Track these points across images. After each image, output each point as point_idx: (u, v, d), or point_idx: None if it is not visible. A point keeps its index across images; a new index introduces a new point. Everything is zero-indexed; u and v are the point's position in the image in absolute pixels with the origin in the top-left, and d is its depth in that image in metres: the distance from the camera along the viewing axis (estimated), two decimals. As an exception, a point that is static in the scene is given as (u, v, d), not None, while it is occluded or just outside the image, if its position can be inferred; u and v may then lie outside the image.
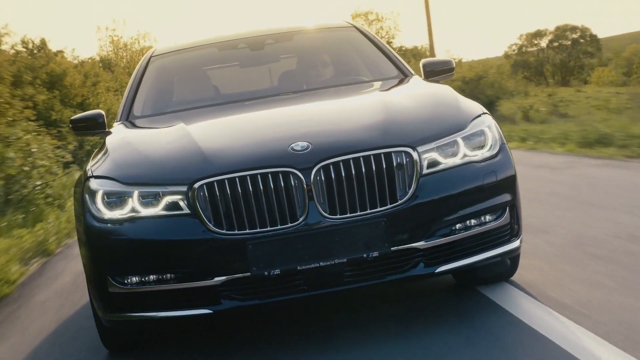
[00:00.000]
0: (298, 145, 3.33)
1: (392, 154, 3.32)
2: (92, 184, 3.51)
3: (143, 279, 3.35)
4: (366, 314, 3.90)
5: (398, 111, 3.68)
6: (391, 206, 3.27)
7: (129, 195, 3.37)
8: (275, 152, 3.33)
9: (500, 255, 3.57)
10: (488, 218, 3.50)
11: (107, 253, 3.40)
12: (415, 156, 3.33)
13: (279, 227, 3.22)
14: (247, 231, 3.23)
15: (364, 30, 5.47)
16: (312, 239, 3.22)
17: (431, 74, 4.78)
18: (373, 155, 3.30)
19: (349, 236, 3.23)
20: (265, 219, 3.23)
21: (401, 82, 4.63)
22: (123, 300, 3.41)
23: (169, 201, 3.31)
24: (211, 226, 3.24)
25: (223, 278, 3.25)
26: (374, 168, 3.28)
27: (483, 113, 3.79)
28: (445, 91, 4.16)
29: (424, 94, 4.16)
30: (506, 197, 3.55)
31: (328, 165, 3.26)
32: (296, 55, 5.44)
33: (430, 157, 3.39)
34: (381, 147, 3.32)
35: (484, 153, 3.54)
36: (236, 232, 3.23)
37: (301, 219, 3.22)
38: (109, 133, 4.33)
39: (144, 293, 3.36)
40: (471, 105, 3.90)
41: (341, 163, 3.27)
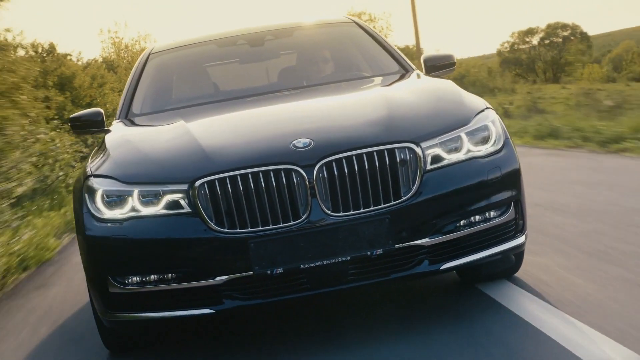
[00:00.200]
0: (300, 142, 3.28)
1: (396, 150, 3.27)
2: (92, 183, 3.46)
3: (144, 279, 3.31)
4: (368, 312, 3.85)
5: (401, 106, 3.63)
6: (395, 203, 3.23)
7: (129, 194, 3.33)
8: (277, 149, 3.28)
9: (505, 251, 3.52)
10: (493, 214, 3.46)
11: (107, 253, 3.36)
12: (418, 152, 3.29)
13: (282, 225, 3.18)
14: (249, 230, 3.18)
15: (364, 25, 5.42)
16: (315, 237, 3.17)
17: (432, 69, 4.72)
18: (376, 151, 3.25)
19: (353, 234, 3.18)
20: (267, 217, 3.18)
21: (402, 78, 4.58)
22: (124, 300, 3.36)
23: (170, 200, 3.26)
24: (212, 225, 3.19)
25: (225, 277, 3.21)
26: (377, 164, 3.23)
27: (486, 108, 3.74)
28: (447, 86, 4.11)
29: (427, 89, 4.11)
30: (511, 193, 3.51)
31: (331, 162, 3.21)
32: (296, 51, 5.39)
33: (434, 153, 3.34)
34: (384, 143, 3.27)
35: (488, 148, 3.49)
36: (238, 231, 3.18)
37: (304, 217, 3.18)
38: (108, 131, 4.28)
39: (145, 293, 3.31)
40: (474, 100, 3.85)
41: (344, 160, 3.22)
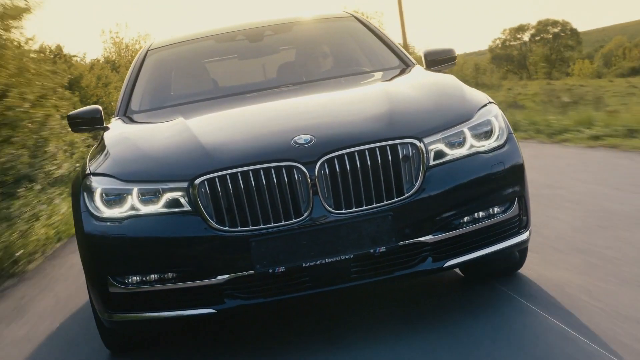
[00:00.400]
0: (301, 138, 3.24)
1: (398, 146, 3.23)
2: (90, 182, 3.42)
3: (144, 279, 3.26)
4: (370, 310, 3.82)
5: (402, 102, 3.59)
6: (398, 199, 3.19)
7: (128, 192, 3.28)
8: (277, 146, 3.24)
9: (509, 248, 3.48)
10: (496, 210, 3.42)
11: (107, 252, 3.31)
12: (421, 148, 3.25)
13: (283, 223, 3.13)
14: (250, 228, 3.14)
15: (364, 19, 5.36)
16: (317, 235, 3.13)
17: (433, 64, 4.68)
18: (378, 147, 3.21)
19: (355, 231, 3.14)
20: (268, 215, 3.14)
21: (403, 72, 4.54)
22: (124, 300, 3.32)
23: (170, 198, 3.22)
24: (213, 223, 3.15)
25: (226, 276, 3.17)
26: (380, 160, 3.19)
27: (489, 102, 3.70)
28: (449, 80, 4.07)
29: (428, 84, 4.06)
30: (515, 188, 3.47)
31: (332, 158, 3.17)
32: (295, 46, 5.34)
33: (436, 149, 3.30)
34: (386, 139, 3.23)
35: (491, 143, 3.45)
36: (239, 229, 3.14)
37: (305, 215, 3.13)
38: (107, 129, 4.23)
39: (145, 293, 3.27)
40: (477, 94, 3.81)
41: (346, 156, 3.18)
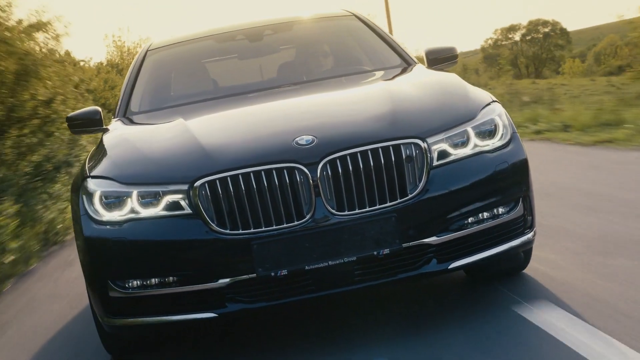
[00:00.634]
0: (303, 139, 3.20)
1: (401, 146, 3.18)
2: (89, 185, 3.38)
3: (144, 283, 3.22)
4: (371, 312, 3.78)
5: (405, 101, 3.55)
6: (401, 201, 3.14)
7: (128, 195, 3.24)
8: (279, 147, 3.20)
9: (514, 248, 3.44)
10: (501, 210, 3.37)
11: (107, 256, 3.27)
12: (424, 148, 3.20)
13: (285, 226, 3.09)
14: (252, 230, 3.10)
15: (364, 18, 5.31)
16: (320, 237, 3.09)
17: (434, 62, 4.62)
18: (381, 147, 3.16)
19: (358, 233, 3.10)
20: (270, 218, 3.10)
21: (405, 71, 4.49)
22: (124, 305, 3.28)
23: (170, 201, 3.18)
24: (214, 226, 3.10)
25: (228, 280, 3.12)
26: (383, 161, 3.14)
27: (493, 101, 3.65)
28: (452, 79, 4.02)
29: (431, 83, 4.01)
30: (519, 188, 3.43)
31: (335, 159, 3.12)
32: (295, 45, 5.30)
33: (440, 148, 3.25)
34: (389, 139, 3.19)
35: (495, 143, 3.41)
36: (240, 232, 3.10)
37: (308, 217, 3.09)
38: (106, 130, 4.19)
39: (146, 297, 3.23)
40: (480, 93, 3.76)
41: (348, 157, 3.13)
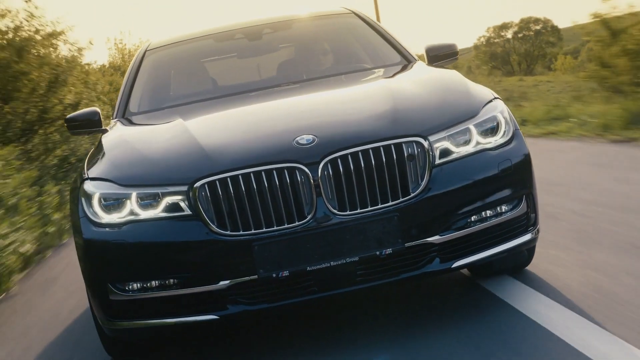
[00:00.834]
0: (303, 138, 3.16)
1: (403, 145, 3.15)
2: (88, 187, 3.35)
3: (145, 285, 3.19)
4: (372, 314, 3.74)
5: (406, 99, 3.51)
6: (403, 200, 3.11)
7: (127, 197, 3.21)
8: (279, 147, 3.16)
9: (517, 246, 3.40)
10: (504, 208, 3.34)
11: (106, 259, 3.24)
12: (426, 146, 3.17)
13: (286, 226, 3.06)
14: (253, 231, 3.06)
15: (364, 15, 5.28)
16: (322, 238, 3.05)
17: (435, 59, 4.59)
18: (383, 146, 3.13)
19: (360, 233, 3.07)
20: (271, 218, 3.06)
21: (405, 68, 4.46)
22: (124, 307, 3.25)
23: (169, 202, 3.15)
24: (214, 227, 3.07)
25: (228, 282, 3.09)
26: (384, 160, 3.11)
27: (494, 98, 3.62)
28: (453, 76, 3.98)
29: (431, 80, 3.98)
30: (522, 186, 3.39)
31: (336, 159, 3.09)
32: (294, 44, 5.26)
33: (442, 147, 3.22)
34: (391, 138, 3.15)
35: (498, 140, 3.37)
36: (241, 233, 3.06)
37: (309, 217, 3.06)
38: (105, 131, 4.16)
39: (146, 300, 3.20)
40: (482, 90, 3.72)
41: (349, 156, 3.10)
